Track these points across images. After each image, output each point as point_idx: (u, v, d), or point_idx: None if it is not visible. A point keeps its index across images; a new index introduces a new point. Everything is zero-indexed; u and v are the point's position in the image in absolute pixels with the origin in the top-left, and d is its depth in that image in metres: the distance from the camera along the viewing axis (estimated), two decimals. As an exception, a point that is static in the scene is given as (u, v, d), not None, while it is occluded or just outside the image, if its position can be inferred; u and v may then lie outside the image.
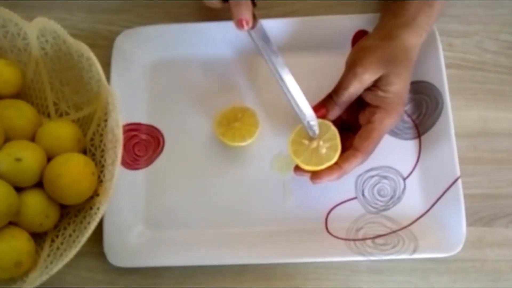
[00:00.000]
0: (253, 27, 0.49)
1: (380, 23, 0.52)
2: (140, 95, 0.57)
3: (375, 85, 0.48)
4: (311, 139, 0.50)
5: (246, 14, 0.47)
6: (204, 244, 0.51)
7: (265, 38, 0.49)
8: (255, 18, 0.49)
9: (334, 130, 0.49)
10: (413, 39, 0.48)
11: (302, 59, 0.57)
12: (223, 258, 0.50)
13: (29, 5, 0.60)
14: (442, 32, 0.55)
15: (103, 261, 0.51)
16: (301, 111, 0.49)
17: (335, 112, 0.50)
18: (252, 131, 0.53)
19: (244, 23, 0.47)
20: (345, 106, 0.50)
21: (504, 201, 0.53)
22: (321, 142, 0.49)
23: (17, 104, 0.50)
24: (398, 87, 0.48)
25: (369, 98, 0.49)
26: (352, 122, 0.51)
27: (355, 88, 0.48)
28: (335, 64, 0.56)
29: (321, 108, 0.50)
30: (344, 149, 0.49)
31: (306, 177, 0.51)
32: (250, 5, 0.48)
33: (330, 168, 0.48)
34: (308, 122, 0.49)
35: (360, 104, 0.50)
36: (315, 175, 0.48)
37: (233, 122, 0.53)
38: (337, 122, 0.50)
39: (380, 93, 0.48)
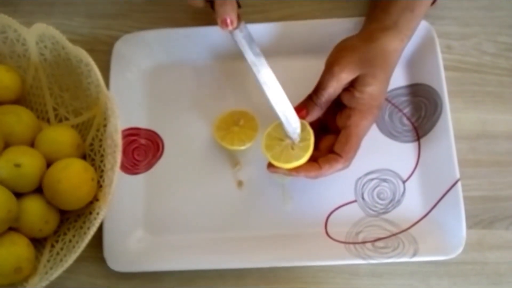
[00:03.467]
0: (237, 27, 0.49)
1: (363, 27, 0.52)
2: (139, 100, 0.57)
3: (352, 85, 0.48)
4: (286, 136, 0.49)
5: (231, 13, 0.47)
6: (204, 248, 0.52)
7: (249, 39, 0.49)
8: (239, 18, 0.48)
9: (309, 131, 0.48)
10: (393, 43, 0.48)
11: (299, 63, 0.57)
12: (223, 262, 0.50)
13: (28, 11, 0.61)
14: (440, 34, 0.55)
15: (103, 266, 0.51)
16: (286, 118, 0.49)
17: (315, 113, 0.50)
18: (251, 135, 0.53)
19: (228, 22, 0.47)
20: (325, 107, 0.50)
21: (504, 204, 0.53)
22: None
23: (16, 110, 0.50)
24: (374, 88, 0.47)
25: (346, 99, 0.49)
26: (329, 122, 0.51)
27: (333, 88, 0.48)
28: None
29: (301, 109, 0.50)
30: (321, 150, 0.49)
31: (306, 181, 0.51)
32: (235, 5, 0.48)
33: (310, 165, 0.48)
34: (293, 129, 0.49)
35: (337, 105, 0.50)
36: (294, 168, 0.48)
37: (232, 126, 0.54)
38: (315, 123, 0.50)
39: (356, 94, 0.48)
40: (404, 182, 0.53)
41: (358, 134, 0.48)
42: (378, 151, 0.54)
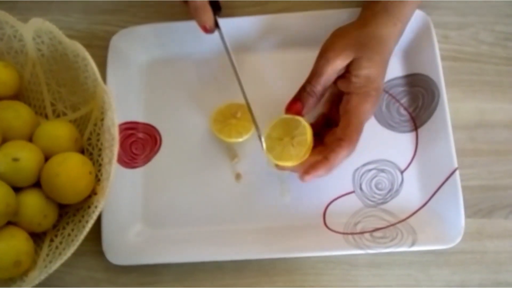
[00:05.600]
0: (217, 27, 0.51)
1: (358, 16, 0.52)
2: (137, 94, 0.57)
3: (347, 71, 0.48)
4: (283, 134, 0.49)
5: (206, 20, 0.49)
6: (203, 241, 0.52)
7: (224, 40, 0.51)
8: (216, 22, 0.51)
9: (305, 125, 0.48)
10: (386, 28, 0.48)
11: (296, 55, 0.57)
12: (221, 254, 0.50)
13: (25, 7, 0.61)
14: (437, 24, 0.55)
15: (102, 260, 0.51)
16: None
17: (311, 103, 0.49)
18: (248, 127, 0.53)
19: (207, 27, 0.50)
20: (321, 96, 0.49)
21: (502, 192, 0.52)
22: (290, 138, 0.49)
23: (14, 105, 0.50)
24: (370, 71, 0.47)
25: (343, 86, 0.49)
26: (333, 117, 0.51)
27: (328, 74, 0.48)
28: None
29: (295, 103, 0.50)
30: (327, 144, 0.49)
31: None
32: (208, 10, 0.49)
33: (316, 162, 0.47)
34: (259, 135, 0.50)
35: (340, 99, 0.49)
36: (303, 173, 0.47)
37: (229, 119, 0.54)
38: (320, 119, 0.51)
39: (353, 78, 0.48)
40: (402, 172, 0.53)
41: (358, 117, 0.47)
42: (375, 141, 0.54)
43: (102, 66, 0.55)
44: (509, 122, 0.54)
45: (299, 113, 0.49)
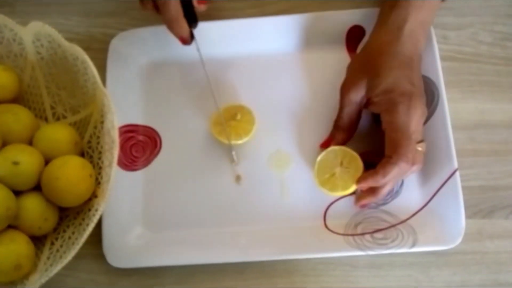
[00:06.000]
0: (192, 38, 0.52)
1: None
2: (136, 97, 0.57)
3: (368, 96, 0.49)
4: (334, 166, 0.50)
5: (181, 32, 0.50)
6: (203, 243, 0.52)
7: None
8: (191, 35, 0.52)
9: (350, 152, 0.50)
10: (382, 37, 0.49)
11: (296, 56, 0.57)
12: (222, 256, 0.50)
13: (25, 11, 0.61)
14: (436, 24, 0.55)
15: (103, 263, 0.51)
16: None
17: (339, 137, 0.52)
18: (248, 129, 0.53)
19: (184, 38, 0.51)
20: (348, 129, 0.52)
21: (503, 193, 0.52)
22: (342, 167, 0.50)
23: (14, 109, 0.51)
24: (384, 84, 0.47)
25: (374, 109, 0.50)
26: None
27: (347, 108, 0.51)
28: (330, 60, 0.56)
29: (327, 142, 0.53)
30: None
31: (304, 174, 0.53)
32: (182, 22, 0.50)
33: (366, 174, 0.48)
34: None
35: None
36: (356, 200, 0.51)
37: (229, 121, 0.54)
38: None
39: (374, 99, 0.48)
40: (402, 173, 0.53)
41: (398, 130, 0.47)
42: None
43: (102, 69, 0.55)
44: (508, 122, 0.54)
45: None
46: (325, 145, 0.53)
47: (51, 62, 0.52)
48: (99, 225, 0.51)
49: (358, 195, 0.51)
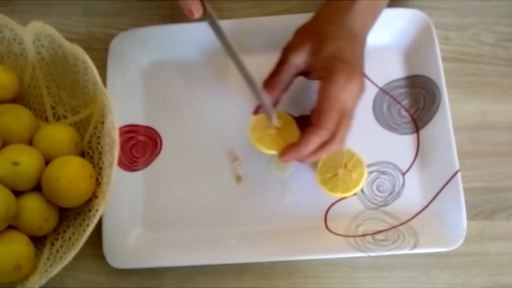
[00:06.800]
0: (205, 14, 0.47)
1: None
2: (137, 97, 0.57)
3: (309, 63, 0.48)
4: (336, 168, 0.50)
5: (191, 3, 0.46)
6: (204, 244, 0.51)
7: (216, 29, 0.49)
8: (204, 7, 0.47)
9: (347, 150, 0.50)
10: (334, 9, 0.48)
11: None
12: (222, 257, 0.50)
13: (25, 10, 0.61)
14: (438, 25, 0.55)
15: (103, 263, 0.51)
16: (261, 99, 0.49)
17: (272, 95, 0.49)
18: (288, 140, 0.49)
19: (193, 11, 0.46)
20: (278, 89, 0.49)
21: (504, 194, 0.52)
22: (345, 168, 0.50)
23: (14, 109, 0.50)
24: (330, 50, 0.46)
25: (314, 76, 0.48)
26: None
27: (286, 70, 0.48)
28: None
29: (259, 107, 0.50)
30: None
31: (305, 175, 0.53)
32: None
33: (287, 147, 0.47)
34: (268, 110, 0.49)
35: None
36: (281, 153, 0.48)
37: (268, 128, 0.50)
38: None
39: (317, 65, 0.47)
40: (403, 174, 0.53)
41: (329, 99, 0.45)
42: (376, 143, 0.54)
43: (102, 69, 0.55)
44: (510, 123, 0.54)
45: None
46: (257, 110, 0.51)
47: (52, 62, 0.52)
48: (99, 225, 0.51)
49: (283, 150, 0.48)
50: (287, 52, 0.49)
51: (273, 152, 0.49)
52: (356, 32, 0.47)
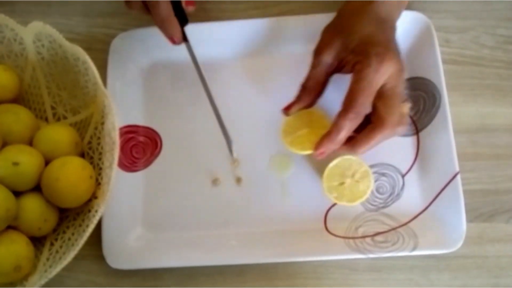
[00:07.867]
0: (185, 40, 0.50)
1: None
2: (137, 97, 0.57)
3: (341, 57, 0.47)
4: (342, 178, 0.50)
5: (173, 33, 0.49)
6: (204, 245, 0.51)
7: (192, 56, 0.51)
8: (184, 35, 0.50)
9: (351, 159, 0.50)
10: (358, 2, 0.48)
11: (298, 57, 0.56)
12: (222, 258, 0.50)
13: (25, 10, 0.61)
14: (438, 28, 0.55)
15: (103, 264, 0.51)
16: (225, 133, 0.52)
17: (305, 98, 0.49)
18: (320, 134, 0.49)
19: (175, 40, 0.50)
20: (313, 90, 0.49)
21: (504, 197, 0.52)
22: (352, 178, 0.50)
23: (14, 109, 0.50)
24: (360, 37, 0.46)
25: (346, 71, 0.48)
26: None
27: (317, 70, 0.48)
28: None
29: (292, 104, 0.50)
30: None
31: (305, 176, 0.53)
32: (174, 22, 0.48)
33: (322, 136, 0.47)
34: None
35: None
36: (315, 148, 0.47)
37: (299, 130, 0.51)
38: None
39: (349, 57, 0.46)
40: (403, 176, 0.53)
41: (357, 82, 0.45)
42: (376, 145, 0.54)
43: (103, 69, 0.55)
44: (510, 126, 0.54)
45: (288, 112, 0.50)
46: (288, 108, 0.50)
47: (52, 62, 0.52)
48: (99, 226, 0.51)
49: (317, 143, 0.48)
50: (317, 53, 0.49)
51: (308, 152, 0.49)
52: (383, 17, 0.47)
